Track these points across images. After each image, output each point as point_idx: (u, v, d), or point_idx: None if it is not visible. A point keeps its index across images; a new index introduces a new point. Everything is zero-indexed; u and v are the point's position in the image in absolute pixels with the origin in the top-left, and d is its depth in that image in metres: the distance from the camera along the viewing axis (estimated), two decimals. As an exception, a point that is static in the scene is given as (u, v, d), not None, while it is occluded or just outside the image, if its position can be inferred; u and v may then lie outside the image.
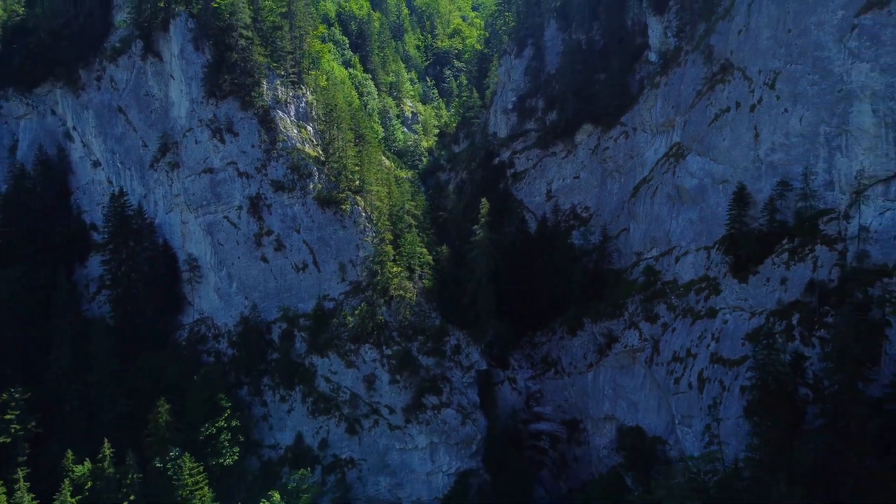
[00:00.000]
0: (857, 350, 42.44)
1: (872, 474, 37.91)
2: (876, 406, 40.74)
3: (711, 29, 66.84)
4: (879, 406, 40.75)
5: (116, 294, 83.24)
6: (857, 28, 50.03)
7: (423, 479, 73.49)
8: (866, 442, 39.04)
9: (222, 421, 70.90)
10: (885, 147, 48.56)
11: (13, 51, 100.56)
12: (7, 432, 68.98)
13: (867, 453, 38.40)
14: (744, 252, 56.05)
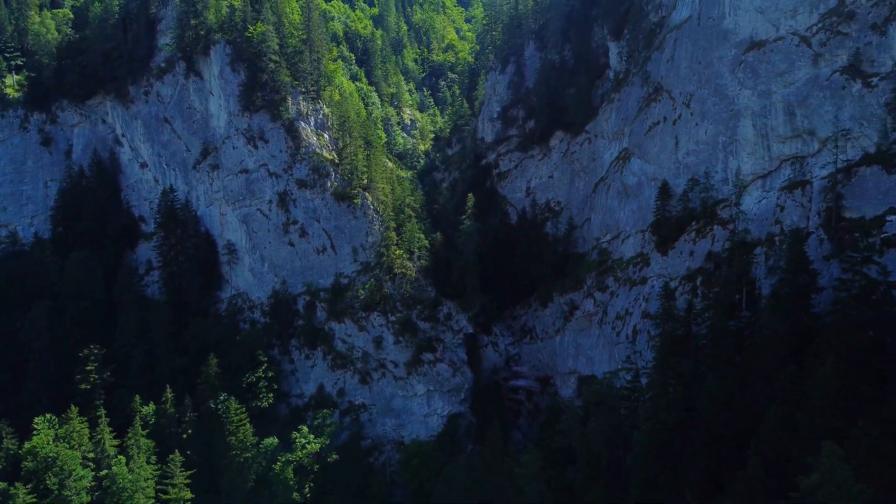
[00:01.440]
0: (728, 299, 60.16)
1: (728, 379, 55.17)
2: (738, 335, 58.29)
3: (648, 57, 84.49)
4: (740, 334, 58.26)
5: (167, 273, 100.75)
6: (743, 63, 67.75)
7: (421, 420, 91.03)
8: (729, 356, 56.51)
9: (260, 372, 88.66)
10: (761, 152, 66.24)
11: (67, 68, 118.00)
12: (87, 381, 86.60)
13: (728, 361, 55.83)
14: (665, 233, 73.79)
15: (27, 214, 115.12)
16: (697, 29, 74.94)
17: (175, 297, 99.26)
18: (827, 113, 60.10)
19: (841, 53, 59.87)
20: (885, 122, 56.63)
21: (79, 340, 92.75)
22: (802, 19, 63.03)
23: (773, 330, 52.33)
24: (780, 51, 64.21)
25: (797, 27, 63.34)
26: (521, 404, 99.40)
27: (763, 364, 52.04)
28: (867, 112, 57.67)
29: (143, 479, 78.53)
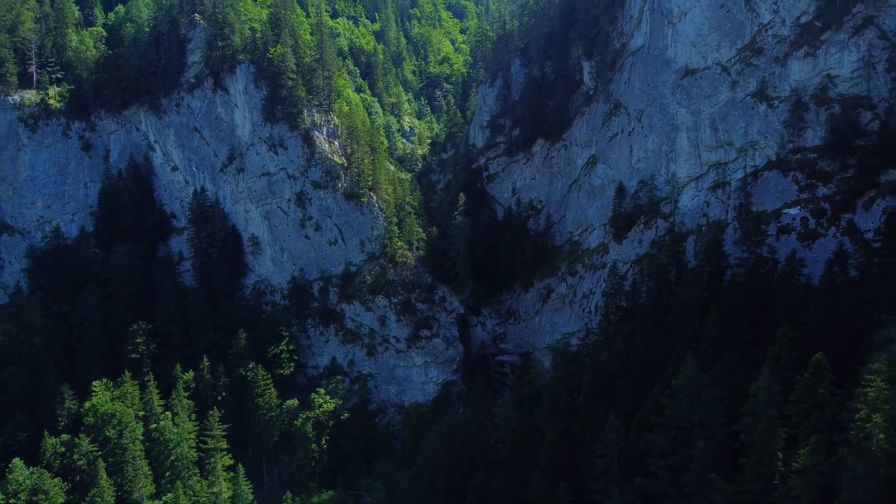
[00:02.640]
0: (664, 276, 76.65)
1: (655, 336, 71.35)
2: (667, 304, 74.63)
3: (611, 78, 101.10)
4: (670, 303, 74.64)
5: (199, 262, 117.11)
6: (680, 87, 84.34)
7: (419, 387, 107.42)
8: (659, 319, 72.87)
9: (282, 345, 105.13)
10: (694, 159, 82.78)
11: (105, 81, 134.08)
12: (137, 351, 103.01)
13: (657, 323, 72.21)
14: (620, 225, 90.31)
15: (69, 212, 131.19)
16: (648, 56, 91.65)
17: (206, 282, 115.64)
18: (740, 128, 76.69)
19: (752, 80, 76.47)
20: (783, 135, 73.19)
21: (125, 320, 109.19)
22: (724, 52, 79.64)
23: (689, 297, 68.86)
24: (707, 77, 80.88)
25: (720, 59, 79.97)
26: (506, 377, 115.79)
27: (683, 323, 68.55)
28: (770, 128, 74.25)
29: (186, 431, 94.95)
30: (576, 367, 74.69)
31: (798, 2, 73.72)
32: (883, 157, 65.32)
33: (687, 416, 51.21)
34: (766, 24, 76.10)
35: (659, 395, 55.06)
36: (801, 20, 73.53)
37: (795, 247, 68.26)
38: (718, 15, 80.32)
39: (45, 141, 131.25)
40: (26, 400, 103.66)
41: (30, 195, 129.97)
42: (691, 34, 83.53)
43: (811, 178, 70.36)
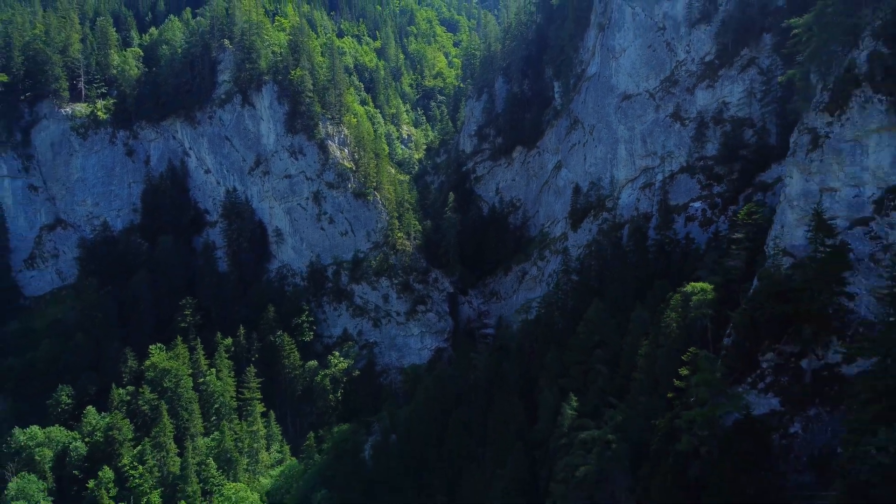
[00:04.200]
0: (605, 257, 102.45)
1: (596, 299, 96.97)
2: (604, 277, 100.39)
3: (572, 98, 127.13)
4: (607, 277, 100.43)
5: (231, 251, 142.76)
6: (620, 108, 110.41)
7: (416, 352, 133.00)
8: (598, 288, 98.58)
9: (303, 317, 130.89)
10: (630, 165, 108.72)
11: (145, 96, 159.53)
12: (185, 321, 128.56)
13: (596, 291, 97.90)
14: (576, 218, 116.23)
15: (115, 209, 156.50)
16: (598, 82, 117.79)
17: (237, 267, 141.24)
18: (661, 141, 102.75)
19: (670, 105, 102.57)
20: (690, 147, 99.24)
21: (170, 298, 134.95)
22: (651, 82, 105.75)
23: (618, 271, 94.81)
24: (639, 101, 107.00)
25: (648, 87, 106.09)
26: (487, 346, 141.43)
27: (611, 285, 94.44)
28: (682, 141, 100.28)
29: (227, 385, 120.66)
30: (534, 324, 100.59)
31: (703, 45, 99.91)
32: (757, 163, 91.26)
33: (592, 340, 76.86)
34: (681, 62, 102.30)
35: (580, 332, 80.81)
36: (706, 59, 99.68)
37: (697, 230, 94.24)
38: (647, 53, 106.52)
39: (94, 147, 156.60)
40: (92, 362, 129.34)
41: (80, 194, 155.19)
42: (628, 67, 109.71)
43: (709, 180, 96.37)
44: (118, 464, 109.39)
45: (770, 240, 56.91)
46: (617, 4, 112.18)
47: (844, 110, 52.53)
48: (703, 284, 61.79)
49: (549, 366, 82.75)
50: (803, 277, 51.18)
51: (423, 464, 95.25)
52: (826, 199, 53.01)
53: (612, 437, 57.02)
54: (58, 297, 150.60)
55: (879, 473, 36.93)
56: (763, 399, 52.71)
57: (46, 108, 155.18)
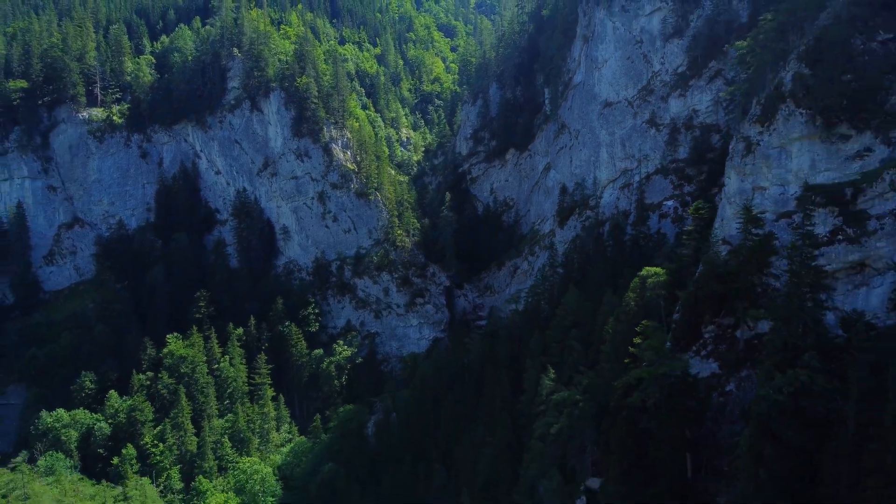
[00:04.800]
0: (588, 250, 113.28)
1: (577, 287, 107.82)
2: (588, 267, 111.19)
3: (560, 104, 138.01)
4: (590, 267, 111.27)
5: (241, 247, 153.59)
6: (602, 115, 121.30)
7: (415, 342, 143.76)
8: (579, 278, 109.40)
9: (310, 309, 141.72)
10: (611, 167, 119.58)
11: (158, 101, 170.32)
12: (200, 312, 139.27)
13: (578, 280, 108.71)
14: (563, 216, 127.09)
15: (130, 208, 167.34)
16: (583, 90, 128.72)
17: (247, 262, 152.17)
18: (638, 145, 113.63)
19: (646, 112, 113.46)
20: (664, 151, 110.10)
21: (184, 291, 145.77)
22: (629, 91, 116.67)
23: (596, 262, 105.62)
24: (618, 109, 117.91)
25: (627, 95, 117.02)
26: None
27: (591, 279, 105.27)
28: (656, 145, 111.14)
29: (240, 371, 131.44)
30: (522, 312, 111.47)
31: (676, 58, 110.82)
32: (723, 165, 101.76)
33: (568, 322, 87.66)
34: (657, 72, 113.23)
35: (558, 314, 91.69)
36: (678, 70, 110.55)
37: (669, 226, 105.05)
38: (626, 64, 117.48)
39: (110, 150, 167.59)
40: (112, 350, 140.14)
41: (97, 194, 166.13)
42: (609, 76, 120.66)
43: (681, 180, 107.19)
44: (140, 442, 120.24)
45: (713, 231, 67.76)
46: (599, 19, 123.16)
47: (772, 122, 63.33)
48: (657, 269, 72.67)
49: (533, 346, 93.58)
50: (737, 262, 61.94)
51: (422, 438, 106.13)
52: (757, 197, 63.78)
53: (580, 398, 67.60)
54: (76, 292, 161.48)
55: (777, 410, 47.67)
56: (705, 363, 63.50)
57: (64, 113, 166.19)
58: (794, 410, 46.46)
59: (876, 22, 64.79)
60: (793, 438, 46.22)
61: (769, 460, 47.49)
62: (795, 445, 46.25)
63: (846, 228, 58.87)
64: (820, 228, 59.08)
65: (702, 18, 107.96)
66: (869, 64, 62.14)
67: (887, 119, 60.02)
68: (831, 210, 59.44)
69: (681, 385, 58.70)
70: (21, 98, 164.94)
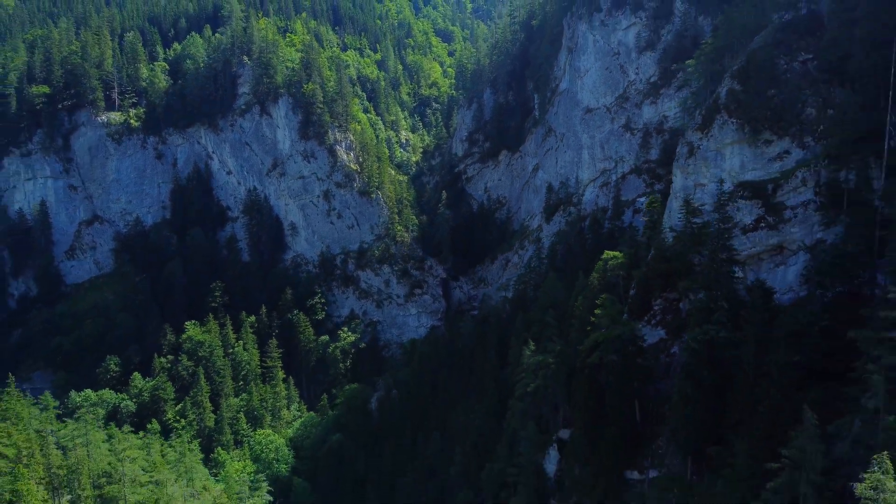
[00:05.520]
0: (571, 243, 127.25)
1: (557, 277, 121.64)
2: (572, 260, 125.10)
3: (547, 110, 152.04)
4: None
5: (251, 242, 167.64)
6: (584, 119, 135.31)
7: (414, 330, 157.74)
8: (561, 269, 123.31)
9: (317, 298, 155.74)
10: (591, 168, 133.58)
11: (172, 106, 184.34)
12: (215, 301, 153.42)
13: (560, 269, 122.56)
14: (549, 212, 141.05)
15: (146, 206, 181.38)
16: (568, 96, 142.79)
17: (257, 256, 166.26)
18: (615, 148, 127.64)
19: (622, 117, 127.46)
20: (638, 153, 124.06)
21: (199, 283, 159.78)
22: (608, 98, 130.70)
23: (575, 252, 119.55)
24: (598, 114, 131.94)
25: (606, 103, 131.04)
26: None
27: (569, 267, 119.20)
28: (631, 148, 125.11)
29: (253, 355, 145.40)
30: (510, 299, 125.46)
31: (650, 69, 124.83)
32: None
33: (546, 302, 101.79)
34: (632, 81, 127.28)
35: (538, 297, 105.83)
36: (651, 80, 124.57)
37: (640, 220, 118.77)
38: (605, 74, 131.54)
39: (128, 151, 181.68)
40: (133, 337, 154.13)
41: (115, 193, 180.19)
42: (590, 85, 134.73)
43: (653, 179, 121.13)
44: (163, 418, 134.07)
45: (663, 221, 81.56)
46: (581, 32, 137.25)
47: (710, 129, 77.14)
48: (617, 253, 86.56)
49: (518, 326, 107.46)
50: (680, 246, 75.78)
51: (420, 411, 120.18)
52: (697, 192, 77.54)
53: (552, 361, 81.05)
54: (95, 284, 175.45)
55: (694, 357, 61.55)
56: (654, 331, 77.27)
57: (84, 117, 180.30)
58: (708, 357, 60.35)
59: (799, 45, 78.70)
60: (706, 379, 60.09)
61: (692, 398, 61.42)
62: (708, 385, 60.13)
63: (767, 217, 72.70)
64: (747, 218, 72.98)
65: (671, 33, 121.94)
66: (790, 81, 76.04)
67: (803, 127, 73.92)
68: (756, 202, 73.26)
69: (631, 346, 72.56)
70: (43, 103, 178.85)
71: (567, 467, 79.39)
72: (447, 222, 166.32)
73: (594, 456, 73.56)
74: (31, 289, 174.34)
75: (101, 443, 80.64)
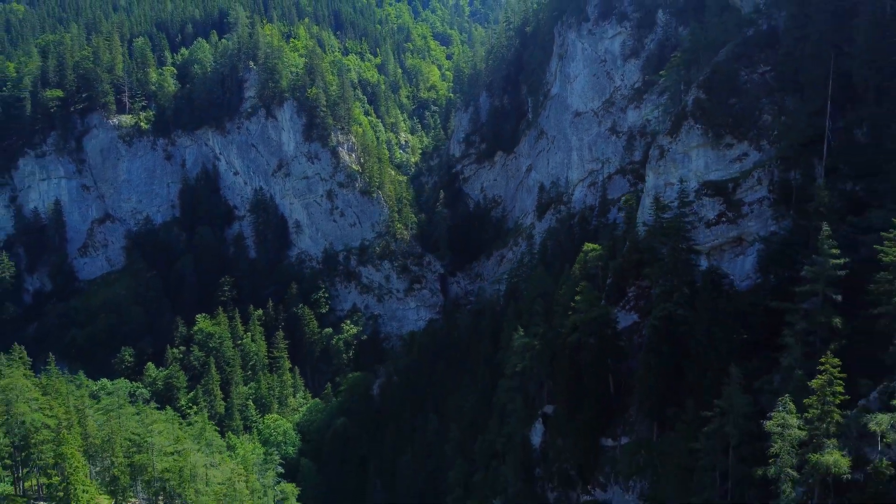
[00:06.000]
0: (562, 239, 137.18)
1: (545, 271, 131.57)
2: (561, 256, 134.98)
3: (539, 113, 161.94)
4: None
5: (258, 239, 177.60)
6: (573, 123, 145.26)
7: (413, 322, 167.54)
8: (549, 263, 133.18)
9: (320, 293, 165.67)
10: (580, 169, 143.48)
11: (181, 109, 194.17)
12: (224, 295, 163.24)
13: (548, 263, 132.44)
14: (541, 210, 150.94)
15: (156, 205, 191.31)
16: (558, 101, 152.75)
17: (264, 253, 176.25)
18: (602, 149, 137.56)
19: (609, 121, 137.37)
20: (623, 154, 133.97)
21: (208, 278, 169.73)
22: (595, 103, 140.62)
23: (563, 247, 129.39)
24: (586, 118, 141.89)
25: (593, 107, 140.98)
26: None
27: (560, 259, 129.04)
28: (617, 150, 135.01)
29: (260, 346, 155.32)
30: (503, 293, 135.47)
31: (633, 75, 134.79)
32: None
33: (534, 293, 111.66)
34: (618, 87, 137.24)
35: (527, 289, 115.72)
36: (635, 86, 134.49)
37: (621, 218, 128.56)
38: (593, 80, 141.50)
39: (138, 153, 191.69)
40: (146, 329, 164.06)
41: (126, 193, 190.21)
42: (579, 90, 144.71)
43: (636, 179, 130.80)
44: (177, 405, 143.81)
45: (637, 216, 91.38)
46: (571, 40, 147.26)
47: (679, 134, 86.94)
48: (596, 246, 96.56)
49: (510, 315, 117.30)
50: (650, 239, 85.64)
51: (418, 395, 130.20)
52: (667, 190, 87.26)
53: (537, 343, 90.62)
54: (108, 280, 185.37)
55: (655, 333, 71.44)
56: (628, 315, 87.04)
57: (96, 120, 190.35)
58: (667, 333, 70.21)
59: (758, 58, 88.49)
60: (666, 352, 69.92)
61: (654, 369, 71.27)
62: (668, 357, 69.95)
63: (728, 213, 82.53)
64: (710, 213, 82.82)
65: (654, 42, 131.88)
66: (749, 91, 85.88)
67: (760, 132, 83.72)
68: (718, 199, 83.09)
69: (606, 328, 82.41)
70: (57, 106, 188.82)
71: (550, 439, 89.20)
72: (445, 220, 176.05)
73: (573, 427, 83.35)
74: (45, 285, 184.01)
75: (132, 415, 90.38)
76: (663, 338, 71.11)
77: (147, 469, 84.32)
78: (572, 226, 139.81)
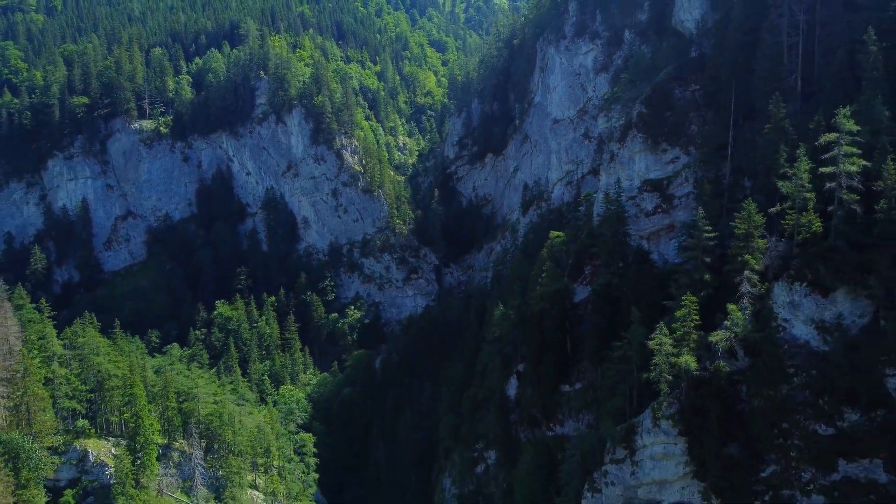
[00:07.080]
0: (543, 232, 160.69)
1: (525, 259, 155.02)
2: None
3: (524, 119, 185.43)
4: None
5: (269, 234, 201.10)
6: (553, 129, 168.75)
7: (410, 309, 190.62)
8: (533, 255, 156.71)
9: (327, 282, 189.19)
10: (559, 170, 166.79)
11: (197, 114, 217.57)
12: (241, 284, 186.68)
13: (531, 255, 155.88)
14: (525, 207, 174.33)
15: (174, 203, 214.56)
16: (540, 109, 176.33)
17: (274, 247, 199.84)
18: (577, 153, 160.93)
19: (582, 128, 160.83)
20: (594, 157, 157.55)
21: (224, 269, 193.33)
22: (571, 112, 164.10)
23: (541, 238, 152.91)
24: (564, 125, 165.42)
25: (569, 115, 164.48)
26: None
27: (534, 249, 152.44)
28: (590, 153, 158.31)
29: (273, 329, 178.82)
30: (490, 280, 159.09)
31: (603, 87, 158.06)
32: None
33: (513, 278, 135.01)
34: (590, 98, 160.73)
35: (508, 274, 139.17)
36: (604, 97, 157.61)
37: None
38: (569, 91, 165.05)
39: (158, 155, 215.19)
40: (170, 314, 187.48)
41: (147, 192, 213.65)
42: (557, 100, 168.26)
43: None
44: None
45: (594, 209, 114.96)
46: (551, 55, 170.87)
47: (626, 141, 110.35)
48: (559, 233, 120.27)
49: (494, 297, 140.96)
50: (602, 227, 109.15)
51: (415, 367, 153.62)
52: (616, 187, 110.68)
53: (512, 313, 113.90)
54: (130, 272, 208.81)
55: (595, 297, 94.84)
56: (584, 289, 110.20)
57: (119, 124, 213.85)
58: (606, 296, 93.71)
59: (690, 79, 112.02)
60: (602, 312, 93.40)
61: (597, 325, 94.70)
62: (607, 314, 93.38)
63: (662, 205, 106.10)
64: (649, 206, 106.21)
65: (621, 58, 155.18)
66: (681, 106, 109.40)
67: (688, 139, 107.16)
68: (655, 194, 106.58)
69: (565, 299, 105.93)
70: (83, 112, 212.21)
71: (522, 390, 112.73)
72: (440, 216, 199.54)
73: (539, 378, 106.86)
74: (73, 276, 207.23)
75: (181, 371, 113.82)
76: (604, 301, 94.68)
77: (194, 413, 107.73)
78: (551, 220, 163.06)
